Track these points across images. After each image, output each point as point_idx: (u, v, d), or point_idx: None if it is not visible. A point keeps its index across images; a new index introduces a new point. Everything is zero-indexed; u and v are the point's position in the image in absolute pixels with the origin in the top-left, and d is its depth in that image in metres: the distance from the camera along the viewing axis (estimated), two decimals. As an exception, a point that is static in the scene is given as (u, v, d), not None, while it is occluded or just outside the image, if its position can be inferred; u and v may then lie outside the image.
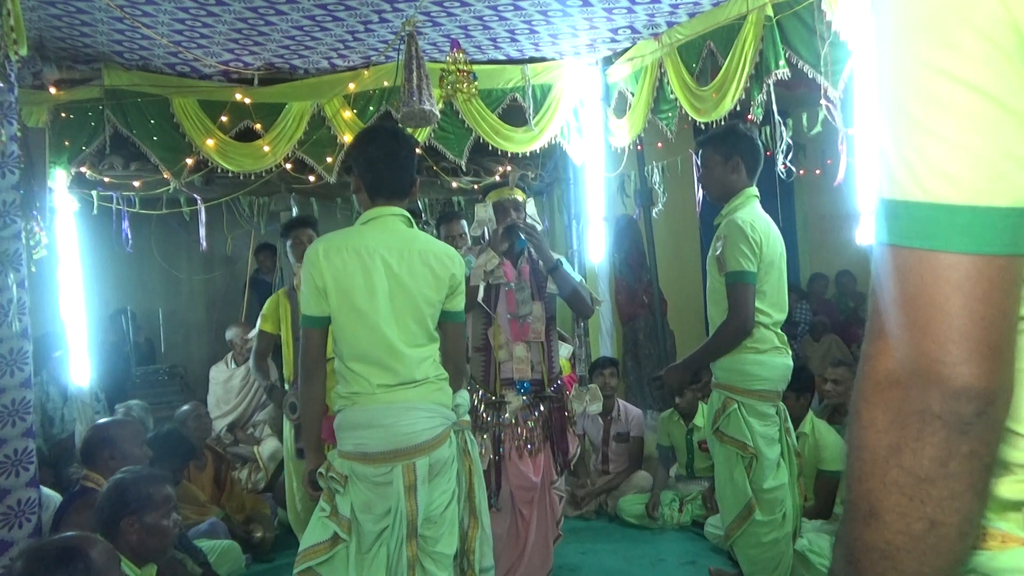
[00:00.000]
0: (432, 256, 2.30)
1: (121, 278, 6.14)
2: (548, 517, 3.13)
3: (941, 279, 0.61)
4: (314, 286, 2.21)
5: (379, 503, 2.19)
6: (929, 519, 0.63)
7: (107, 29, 4.05)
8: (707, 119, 4.21)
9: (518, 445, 3.03)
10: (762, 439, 2.89)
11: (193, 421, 4.26)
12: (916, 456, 0.63)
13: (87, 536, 2.07)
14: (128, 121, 4.60)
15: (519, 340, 3.05)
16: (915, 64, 0.61)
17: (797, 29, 3.63)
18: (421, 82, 3.83)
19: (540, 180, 5.81)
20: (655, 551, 3.96)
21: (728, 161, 2.94)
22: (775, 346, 2.89)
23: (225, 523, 4.01)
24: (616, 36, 4.71)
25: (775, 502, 2.93)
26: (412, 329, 2.25)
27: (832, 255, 6.98)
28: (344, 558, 2.20)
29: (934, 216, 0.61)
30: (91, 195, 4.88)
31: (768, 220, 2.93)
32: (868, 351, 0.67)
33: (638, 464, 4.67)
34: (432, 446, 2.23)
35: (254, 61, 4.68)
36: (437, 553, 2.28)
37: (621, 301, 5.88)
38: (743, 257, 2.76)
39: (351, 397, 2.22)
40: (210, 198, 5.19)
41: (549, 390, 3.12)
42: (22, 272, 2.80)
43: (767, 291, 2.87)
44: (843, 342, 6.27)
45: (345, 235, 2.29)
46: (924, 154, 0.61)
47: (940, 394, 0.61)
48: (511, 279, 3.05)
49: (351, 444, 2.21)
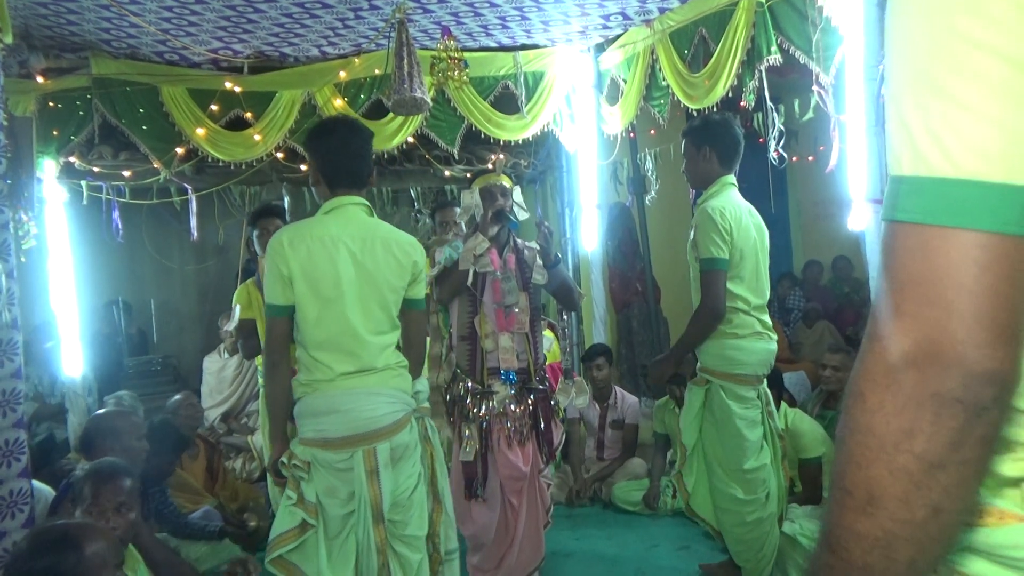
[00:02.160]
0: (395, 244, 2.34)
1: (112, 269, 6.11)
2: (538, 506, 3.13)
3: (969, 258, 0.58)
4: (279, 275, 2.23)
5: (342, 487, 2.24)
6: (933, 506, 0.61)
7: (94, 17, 4.01)
8: (699, 105, 4.20)
9: (507, 435, 3.02)
10: (742, 421, 2.97)
11: (184, 410, 4.26)
12: (931, 441, 0.60)
13: (92, 527, 2.04)
14: (117, 110, 4.57)
15: (504, 330, 3.04)
16: (945, 34, 0.58)
17: (789, 15, 3.62)
18: (412, 70, 3.81)
19: (533, 168, 5.79)
20: (649, 536, 3.98)
21: (699, 151, 3.06)
22: (756, 331, 2.97)
23: (219, 511, 4.02)
24: (608, 23, 4.69)
25: (757, 482, 3.00)
26: (376, 316, 2.29)
27: (825, 241, 6.99)
28: (314, 544, 2.25)
29: (964, 193, 0.58)
30: (80, 185, 4.85)
31: (742, 207, 3.01)
32: (878, 332, 0.63)
33: (632, 451, 4.69)
34: (392, 431, 2.28)
35: (244, 49, 4.65)
36: (408, 536, 2.33)
37: (614, 289, 5.88)
38: (713, 244, 2.87)
39: (312, 384, 2.26)
40: (201, 188, 5.17)
41: (535, 380, 3.11)
42: (11, 262, 2.78)
43: (745, 276, 2.95)
44: (836, 328, 6.29)
45: (309, 224, 2.33)
46: (956, 128, 0.58)
47: (962, 377, 0.59)
48: (497, 268, 3.04)
49: (312, 431, 2.25)
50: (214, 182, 5.18)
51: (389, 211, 6.61)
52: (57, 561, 1.83)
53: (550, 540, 3.48)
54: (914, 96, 0.61)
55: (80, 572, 1.85)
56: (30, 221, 3.80)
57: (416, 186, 6.08)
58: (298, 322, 2.28)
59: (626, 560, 3.74)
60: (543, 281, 3.14)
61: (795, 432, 3.72)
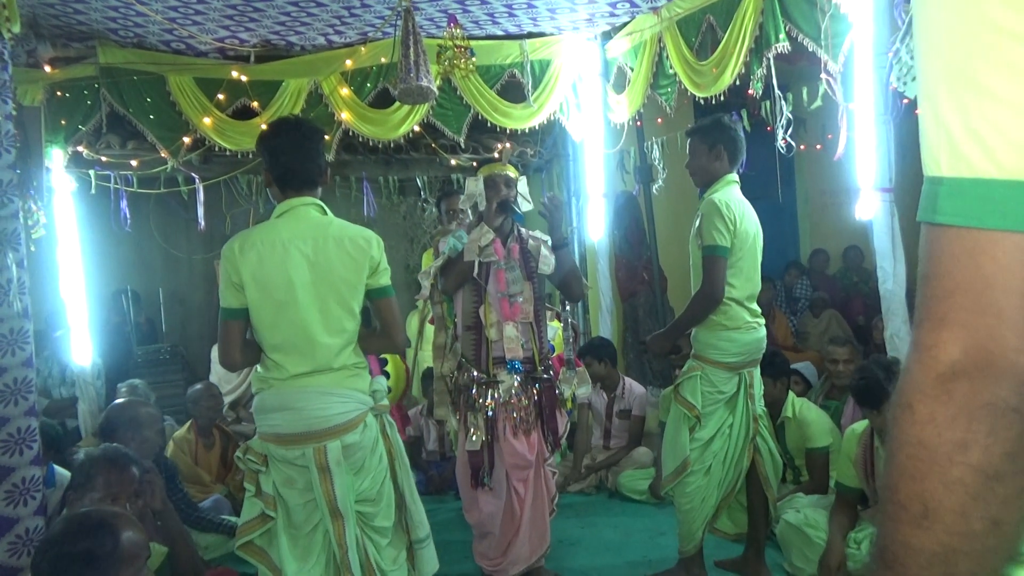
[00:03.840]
0: (347, 240, 2.34)
1: (121, 258, 6.14)
2: (544, 494, 3.14)
3: (1019, 262, 0.56)
4: (230, 282, 2.28)
5: (299, 477, 2.32)
6: (992, 518, 0.59)
7: (101, 6, 4.01)
8: (707, 94, 4.18)
9: (513, 424, 3.04)
10: (707, 400, 3.15)
11: (206, 401, 4.30)
12: (987, 452, 0.58)
13: (128, 518, 2.05)
14: (124, 99, 4.58)
15: (509, 320, 3.05)
16: (980, 26, 0.56)
17: (797, 2, 3.58)
18: (418, 58, 3.80)
19: (539, 157, 5.78)
20: (654, 525, 3.99)
21: (712, 150, 3.15)
22: (746, 321, 3.11)
23: (229, 500, 4.06)
24: (615, 10, 4.67)
25: (707, 453, 3.17)
26: (336, 314, 2.32)
27: (833, 230, 6.96)
28: (276, 533, 2.34)
29: (1010, 194, 0.56)
30: (88, 174, 4.86)
31: (744, 202, 3.13)
32: (925, 341, 0.61)
33: (638, 441, 4.70)
34: (344, 429, 2.31)
35: (250, 38, 4.64)
36: (377, 527, 2.41)
37: (621, 278, 5.88)
38: (717, 232, 3.00)
39: (267, 381, 2.33)
40: (208, 177, 5.17)
41: (540, 370, 3.13)
42: (21, 252, 2.79)
43: (743, 267, 3.08)
44: (842, 317, 6.28)
45: (260, 230, 2.36)
46: (998, 126, 0.56)
47: (1017, 385, 0.57)
48: (501, 257, 3.04)
49: (266, 426, 2.33)
50: (221, 171, 5.19)
51: (396, 200, 6.61)
52: (94, 546, 1.83)
53: (556, 528, 3.49)
54: (950, 92, 0.58)
55: (116, 558, 1.86)
56: (39, 211, 3.83)
57: (422, 175, 6.07)
58: (254, 325, 2.32)
59: (632, 548, 3.76)
60: (548, 271, 3.15)
61: (802, 421, 3.72)
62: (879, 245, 3.34)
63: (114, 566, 1.85)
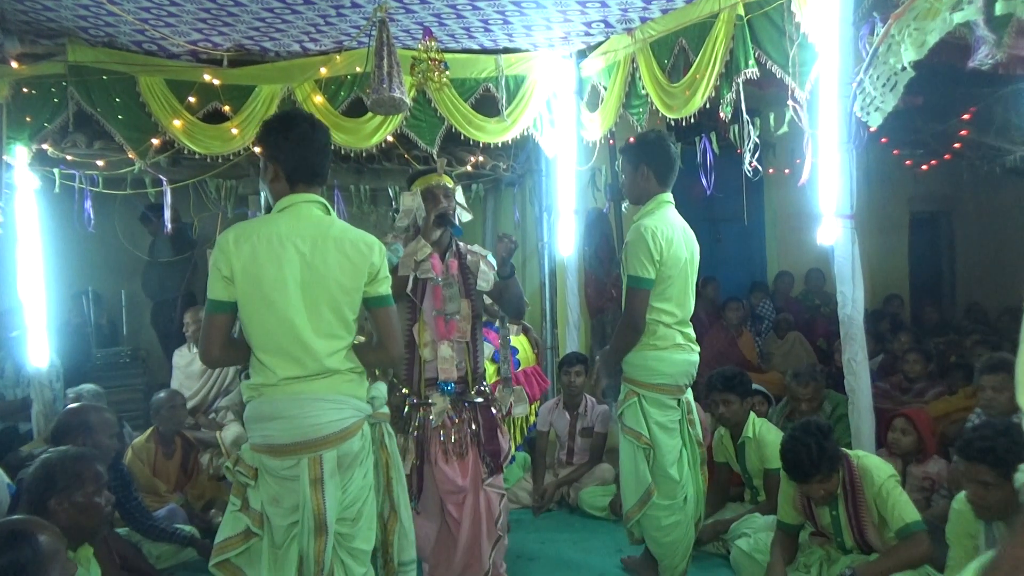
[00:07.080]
0: (348, 243, 2.24)
1: (83, 258, 6.02)
2: (483, 518, 2.98)
3: None
4: (220, 274, 2.16)
5: (287, 497, 2.19)
6: None
7: (71, 3, 3.96)
8: (678, 115, 4.24)
9: (444, 449, 2.90)
10: (658, 427, 3.13)
11: (168, 410, 4.23)
12: None
13: (35, 520, 2.04)
14: (92, 99, 4.51)
15: (444, 339, 2.91)
16: None
17: (767, 29, 3.66)
18: (392, 69, 3.80)
19: (512, 171, 5.80)
20: (614, 542, 4.00)
21: (636, 170, 3.15)
22: (677, 343, 3.12)
23: (184, 510, 3.99)
24: (590, 30, 4.72)
25: (676, 487, 3.17)
26: (327, 318, 2.20)
27: (799, 253, 7.06)
28: (258, 552, 2.22)
29: None
30: (53, 173, 4.77)
31: (676, 225, 3.12)
32: None
33: (599, 457, 4.70)
34: (340, 438, 2.20)
35: (224, 42, 4.61)
36: (355, 549, 2.28)
37: (590, 294, 5.91)
38: (640, 265, 3.00)
39: (257, 388, 2.21)
40: (176, 180, 5.11)
41: (472, 392, 2.99)
42: (-24, 250, 2.74)
43: (672, 295, 3.09)
44: (806, 339, 6.36)
45: (258, 223, 2.26)
46: None
47: None
48: (439, 273, 2.92)
49: (258, 436, 2.20)
50: (189, 174, 5.12)
51: (367, 210, 6.58)
52: (17, 557, 1.84)
53: (515, 543, 3.48)
54: None
55: (39, 562, 1.87)
56: (-2, 208, 3.75)
57: (394, 185, 6.04)
58: (243, 324, 2.21)
59: (591, 565, 3.76)
60: (487, 287, 3.03)
61: (761, 442, 3.76)
62: (840, 270, 3.39)
63: (42, 569, 1.86)
